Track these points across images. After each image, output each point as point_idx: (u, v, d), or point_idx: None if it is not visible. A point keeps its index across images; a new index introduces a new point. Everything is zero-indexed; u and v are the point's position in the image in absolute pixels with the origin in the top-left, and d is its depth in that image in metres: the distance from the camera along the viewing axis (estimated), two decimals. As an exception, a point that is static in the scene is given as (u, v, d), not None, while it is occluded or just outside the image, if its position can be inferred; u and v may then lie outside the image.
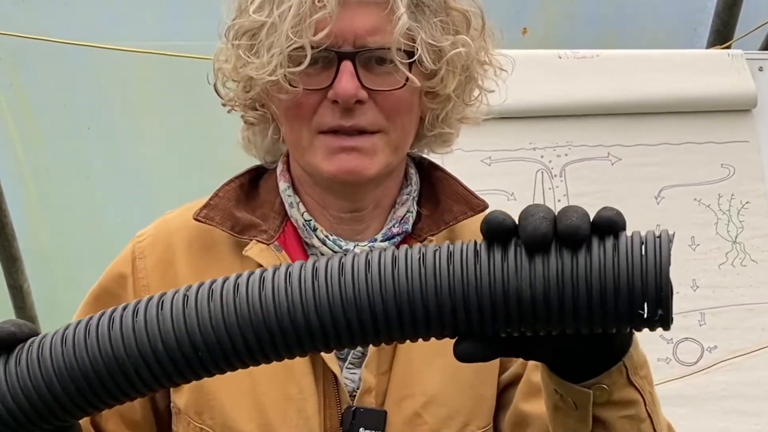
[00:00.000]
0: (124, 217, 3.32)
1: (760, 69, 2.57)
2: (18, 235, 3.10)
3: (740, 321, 2.39)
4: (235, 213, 1.40)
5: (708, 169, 2.48)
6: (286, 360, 1.14)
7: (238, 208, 1.41)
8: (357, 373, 1.37)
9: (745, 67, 2.54)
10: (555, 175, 2.44)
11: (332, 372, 1.35)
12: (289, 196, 1.40)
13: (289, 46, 1.27)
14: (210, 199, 1.40)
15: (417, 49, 1.29)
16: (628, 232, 0.95)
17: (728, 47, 3.09)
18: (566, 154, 2.46)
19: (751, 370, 2.36)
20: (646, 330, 2.39)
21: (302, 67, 1.28)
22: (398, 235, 1.39)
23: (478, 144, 2.44)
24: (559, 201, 2.42)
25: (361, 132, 1.32)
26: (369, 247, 1.37)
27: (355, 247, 1.37)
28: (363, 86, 1.30)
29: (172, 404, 1.39)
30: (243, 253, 1.36)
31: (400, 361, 1.37)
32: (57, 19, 3.21)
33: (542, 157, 2.45)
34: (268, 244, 1.36)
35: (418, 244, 0.99)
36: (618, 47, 2.76)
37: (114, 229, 3.28)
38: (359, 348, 1.35)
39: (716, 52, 2.62)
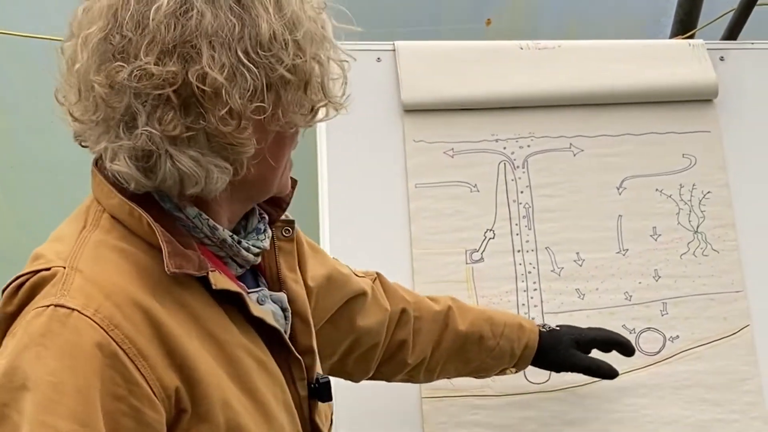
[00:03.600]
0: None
1: (722, 59, 2.58)
2: (-18, 231, 3.08)
3: (702, 310, 2.39)
4: (185, 252, 1.43)
5: (670, 160, 2.48)
6: (265, 363, 1.50)
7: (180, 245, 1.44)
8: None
9: (706, 57, 2.54)
10: (518, 167, 2.44)
11: (294, 356, 1.56)
12: (206, 219, 1.47)
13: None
14: (167, 247, 1.40)
15: None
16: (593, 227, 1.01)
17: (691, 37, 3.10)
18: (529, 146, 2.46)
19: (713, 359, 2.36)
20: (608, 321, 2.40)
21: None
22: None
23: (440, 136, 2.43)
24: (521, 192, 2.42)
25: None
26: (265, 235, 1.58)
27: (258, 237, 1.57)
28: None
29: None
30: (213, 287, 1.44)
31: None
32: (21, 12, 3.19)
33: (505, 148, 2.45)
34: (213, 271, 1.45)
35: None
36: (582, 38, 2.76)
37: (80, 224, 3.25)
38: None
39: (677, 42, 2.62)
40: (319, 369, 1.65)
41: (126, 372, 1.32)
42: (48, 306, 1.33)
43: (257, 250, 1.54)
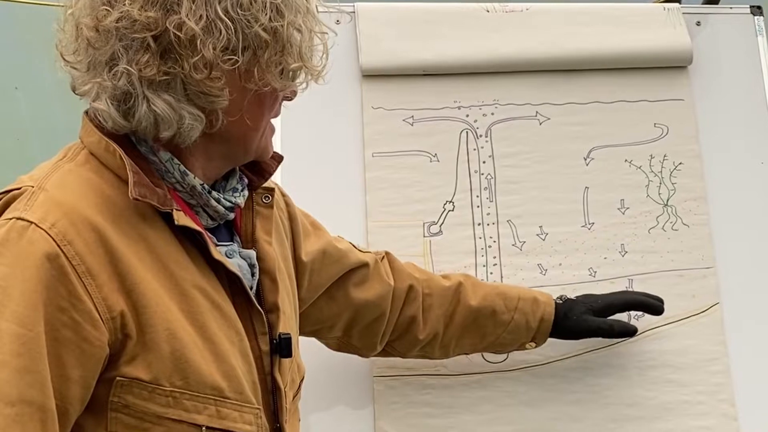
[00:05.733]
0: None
1: (698, 24, 2.46)
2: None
3: (670, 287, 2.28)
4: (152, 186, 1.52)
5: (640, 129, 2.37)
6: (221, 306, 1.55)
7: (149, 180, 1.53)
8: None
9: (681, 21, 2.43)
10: (480, 135, 2.34)
11: (256, 309, 1.61)
12: (178, 164, 1.56)
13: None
14: (134, 177, 1.49)
15: None
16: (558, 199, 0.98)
17: (678, 1, 2.97)
18: (492, 113, 2.35)
19: (680, 338, 2.26)
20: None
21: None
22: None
23: (400, 102, 2.33)
24: (484, 162, 2.32)
25: None
26: (242, 194, 1.65)
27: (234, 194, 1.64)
28: None
29: (118, 377, 1.48)
30: (176, 223, 1.52)
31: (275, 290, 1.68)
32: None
33: (467, 116, 2.34)
34: (178, 210, 1.53)
35: None
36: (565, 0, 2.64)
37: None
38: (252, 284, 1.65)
39: (651, 6, 2.49)
40: (288, 328, 1.68)
41: (71, 286, 1.43)
42: (11, 218, 1.45)
43: (229, 204, 1.62)
